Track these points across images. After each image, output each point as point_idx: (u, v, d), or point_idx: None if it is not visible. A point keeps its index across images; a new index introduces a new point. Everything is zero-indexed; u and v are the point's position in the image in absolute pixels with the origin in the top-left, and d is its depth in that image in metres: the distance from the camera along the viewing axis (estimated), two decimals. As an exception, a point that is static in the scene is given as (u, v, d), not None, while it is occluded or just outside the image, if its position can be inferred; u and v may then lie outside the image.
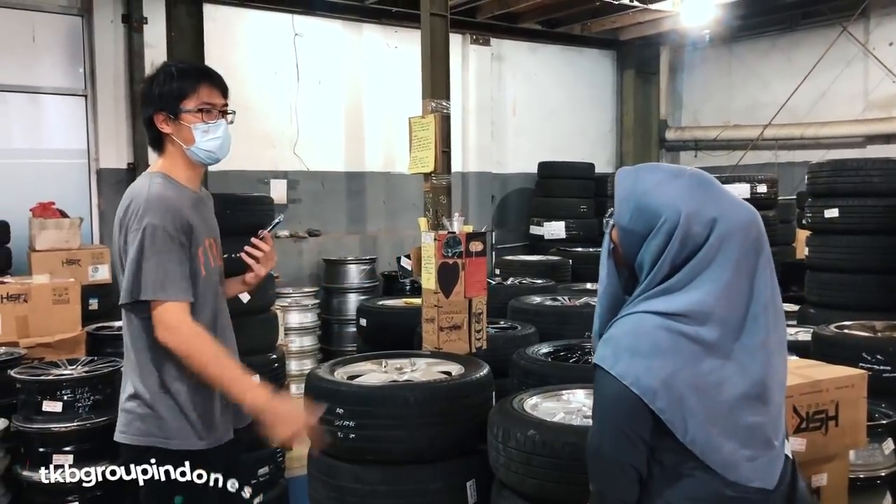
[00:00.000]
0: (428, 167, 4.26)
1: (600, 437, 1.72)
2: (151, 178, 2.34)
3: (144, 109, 2.39)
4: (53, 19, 7.20)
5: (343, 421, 3.16)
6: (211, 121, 2.36)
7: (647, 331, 1.65)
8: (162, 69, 2.40)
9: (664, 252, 1.67)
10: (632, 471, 1.68)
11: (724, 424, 1.66)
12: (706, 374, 1.64)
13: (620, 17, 9.24)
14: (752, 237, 1.68)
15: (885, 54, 8.64)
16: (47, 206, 6.31)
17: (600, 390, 1.71)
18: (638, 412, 1.64)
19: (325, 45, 8.49)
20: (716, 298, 1.64)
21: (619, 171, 1.81)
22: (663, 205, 1.68)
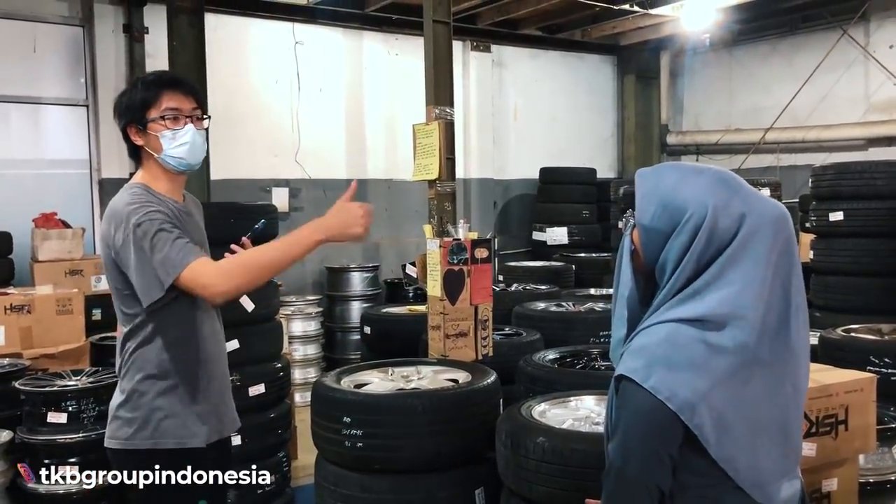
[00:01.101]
0: (432, 174, 4.25)
1: (625, 455, 1.58)
2: (131, 188, 2.38)
3: (118, 122, 2.42)
4: (54, 30, 7.21)
5: (350, 430, 3.14)
6: (176, 127, 2.37)
7: (682, 342, 1.55)
8: (133, 82, 2.47)
9: (689, 249, 1.58)
10: (657, 492, 1.57)
11: (760, 439, 1.59)
12: (743, 387, 1.56)
13: (621, 22, 9.24)
14: (783, 234, 1.60)
15: (885, 57, 8.64)
16: (50, 217, 6.31)
17: (629, 405, 1.58)
18: (670, 429, 1.54)
19: (326, 53, 8.50)
20: (748, 297, 1.55)
21: (639, 171, 1.72)
22: (689, 200, 1.59)
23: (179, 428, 2.35)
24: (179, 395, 2.36)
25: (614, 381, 1.64)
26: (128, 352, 2.38)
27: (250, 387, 4.26)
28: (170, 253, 2.22)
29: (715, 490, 1.59)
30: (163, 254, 2.22)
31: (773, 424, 1.61)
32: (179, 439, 2.35)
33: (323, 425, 3.29)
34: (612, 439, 1.63)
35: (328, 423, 3.25)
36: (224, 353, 2.59)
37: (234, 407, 2.64)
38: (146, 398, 2.34)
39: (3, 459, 4.00)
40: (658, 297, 1.64)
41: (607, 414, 1.71)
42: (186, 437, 2.36)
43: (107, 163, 7.27)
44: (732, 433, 1.55)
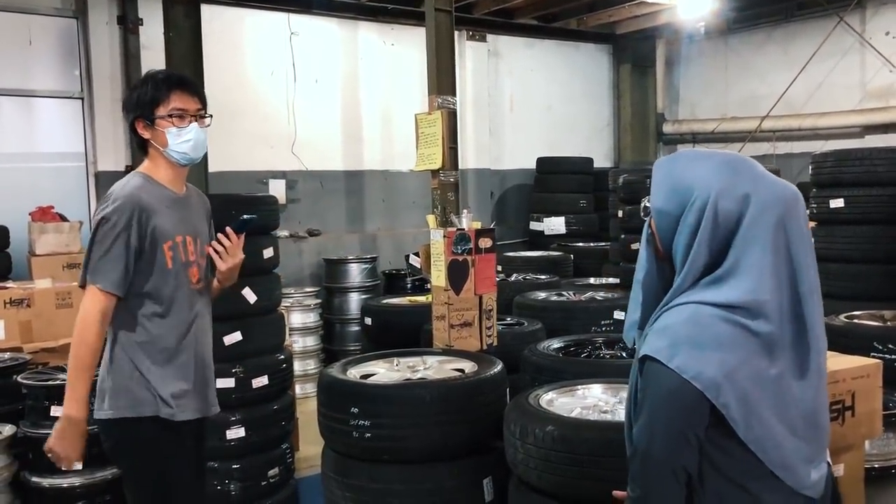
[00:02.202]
0: (436, 164, 4.23)
1: (651, 436, 1.58)
2: (132, 177, 2.64)
3: (126, 116, 2.68)
4: (47, 21, 7.15)
5: (358, 420, 3.14)
6: (182, 125, 2.60)
7: (707, 322, 1.56)
8: (144, 78, 2.66)
9: (698, 231, 1.59)
10: (683, 473, 1.57)
11: (786, 421, 1.58)
12: (767, 368, 1.56)
13: (617, 10, 9.22)
14: (793, 214, 1.61)
15: (881, 44, 8.64)
16: (46, 210, 6.28)
17: (654, 385, 1.58)
18: (696, 408, 1.54)
19: (322, 43, 8.45)
20: (767, 282, 1.56)
21: (657, 161, 1.76)
22: (695, 182, 1.62)
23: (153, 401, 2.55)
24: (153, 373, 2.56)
25: (638, 362, 1.65)
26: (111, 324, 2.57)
27: (253, 379, 4.25)
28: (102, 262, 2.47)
29: (743, 474, 1.58)
30: (99, 257, 2.48)
31: (799, 406, 1.61)
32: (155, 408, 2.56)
33: (330, 416, 3.29)
34: (636, 421, 1.64)
35: (335, 414, 3.24)
36: (207, 339, 2.77)
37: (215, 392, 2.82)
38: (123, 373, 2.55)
39: (5, 454, 3.98)
40: (678, 280, 1.65)
41: (629, 397, 1.72)
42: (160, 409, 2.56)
43: (103, 156, 7.22)
44: (759, 413, 1.55)
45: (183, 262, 2.63)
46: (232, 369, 4.17)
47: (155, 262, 2.56)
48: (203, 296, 2.74)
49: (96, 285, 2.47)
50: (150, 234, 2.54)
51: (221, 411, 3.78)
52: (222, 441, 4.07)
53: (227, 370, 4.14)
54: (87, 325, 2.47)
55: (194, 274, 2.68)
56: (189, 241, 2.66)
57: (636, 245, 6.14)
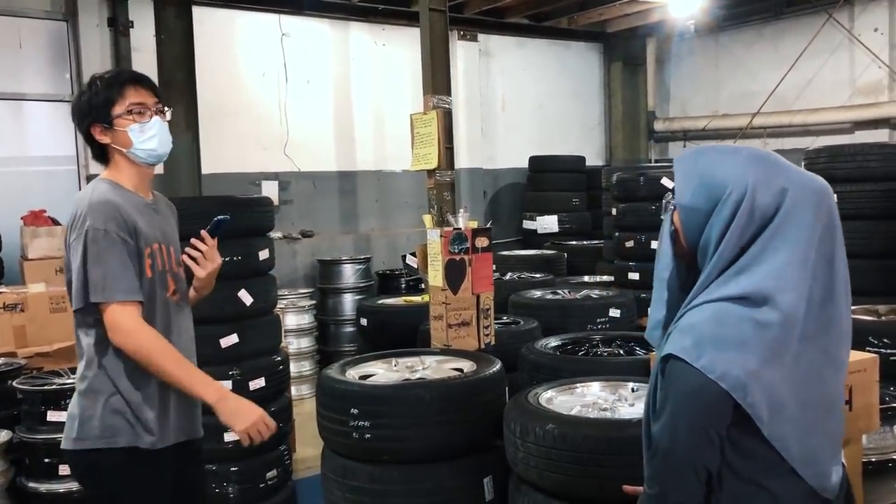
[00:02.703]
0: (431, 164, 4.23)
1: (673, 435, 1.56)
2: (97, 184, 2.41)
3: (79, 124, 2.43)
4: (37, 24, 7.11)
5: (358, 421, 3.14)
6: (144, 120, 2.40)
7: (731, 321, 1.54)
8: (89, 82, 2.45)
9: (731, 225, 1.57)
10: (703, 472, 1.56)
11: (810, 417, 1.57)
12: (792, 363, 1.54)
13: (607, 9, 9.23)
14: (825, 206, 1.58)
15: (870, 40, 8.68)
16: (39, 214, 6.25)
17: (678, 384, 1.56)
18: (720, 407, 1.52)
19: (313, 44, 8.44)
20: (793, 271, 1.54)
21: (676, 156, 1.73)
22: (728, 176, 1.59)
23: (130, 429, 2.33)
24: (134, 395, 2.34)
25: (661, 360, 1.62)
26: (83, 350, 2.37)
27: (250, 381, 4.24)
28: (109, 275, 2.26)
29: (764, 474, 1.57)
30: (104, 271, 2.26)
31: (821, 401, 1.60)
32: (133, 437, 2.34)
33: (330, 417, 3.28)
34: (657, 420, 1.62)
35: (335, 415, 3.24)
36: (188, 356, 2.52)
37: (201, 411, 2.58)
38: (100, 397, 2.32)
39: (2, 460, 3.96)
40: (703, 276, 1.63)
41: (649, 395, 1.70)
42: (138, 438, 2.34)
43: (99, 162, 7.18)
44: (784, 411, 1.54)
45: (160, 271, 2.43)
46: (229, 371, 4.17)
47: (141, 271, 2.36)
48: (182, 308, 2.53)
49: (115, 301, 2.25)
50: (136, 237, 2.35)
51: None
52: (220, 443, 4.05)
53: (224, 372, 4.13)
54: (139, 337, 2.26)
55: (171, 285, 2.48)
56: (164, 249, 2.46)
57: (630, 243, 6.21)
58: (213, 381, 2.35)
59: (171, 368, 2.29)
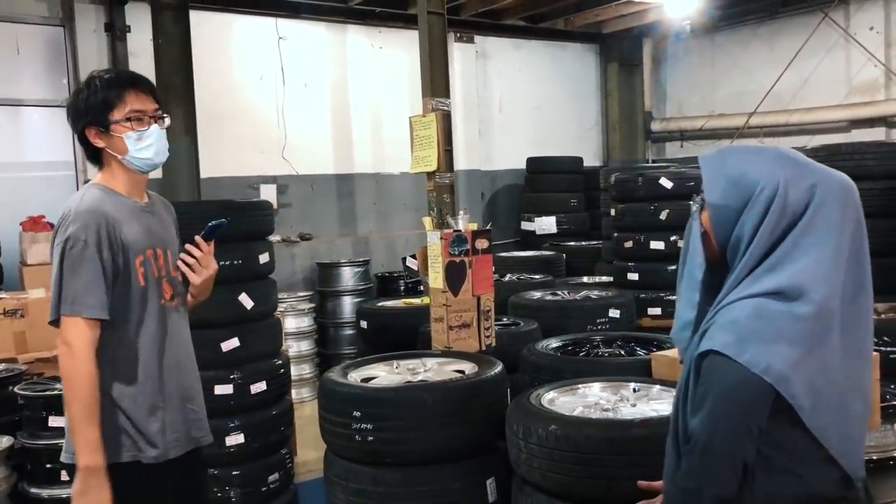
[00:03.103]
0: (431, 166, 4.24)
1: (713, 430, 1.60)
2: (88, 189, 2.35)
3: (74, 125, 2.36)
4: (34, 30, 7.11)
5: (360, 424, 3.14)
6: (142, 128, 2.34)
7: (770, 316, 1.59)
8: (87, 81, 2.37)
9: (763, 223, 1.62)
10: (741, 465, 1.60)
11: (846, 406, 1.63)
12: (829, 354, 1.60)
13: (603, 10, 9.25)
14: (852, 202, 1.64)
15: (866, 39, 8.71)
16: (38, 220, 6.25)
17: (720, 379, 1.60)
18: (763, 401, 1.57)
19: (310, 47, 8.44)
20: (825, 265, 1.60)
21: (701, 156, 1.76)
22: (759, 174, 1.64)
23: (132, 443, 2.29)
24: (136, 409, 2.30)
25: (698, 357, 1.66)
26: None
27: (252, 384, 4.24)
28: (80, 289, 2.20)
29: (800, 463, 1.62)
30: (76, 284, 2.20)
31: (855, 391, 1.65)
32: (136, 452, 2.29)
33: (332, 420, 3.29)
34: (695, 415, 1.65)
35: (337, 418, 3.24)
36: (188, 362, 2.50)
37: (206, 417, 2.55)
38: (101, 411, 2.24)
39: (4, 466, 3.96)
40: (734, 273, 1.67)
41: (680, 392, 1.74)
42: (141, 452, 2.30)
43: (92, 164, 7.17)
44: (823, 400, 1.59)
45: (155, 278, 2.37)
46: (230, 375, 4.17)
47: (130, 281, 2.30)
48: (179, 313, 2.48)
49: (78, 315, 2.19)
50: (123, 249, 2.28)
51: (220, 417, 3.79)
52: (221, 447, 4.05)
53: (226, 376, 4.14)
54: (78, 360, 2.17)
55: (167, 290, 2.42)
56: (159, 253, 2.40)
57: (629, 243, 6.21)
58: (98, 451, 2.19)
59: (78, 409, 2.17)
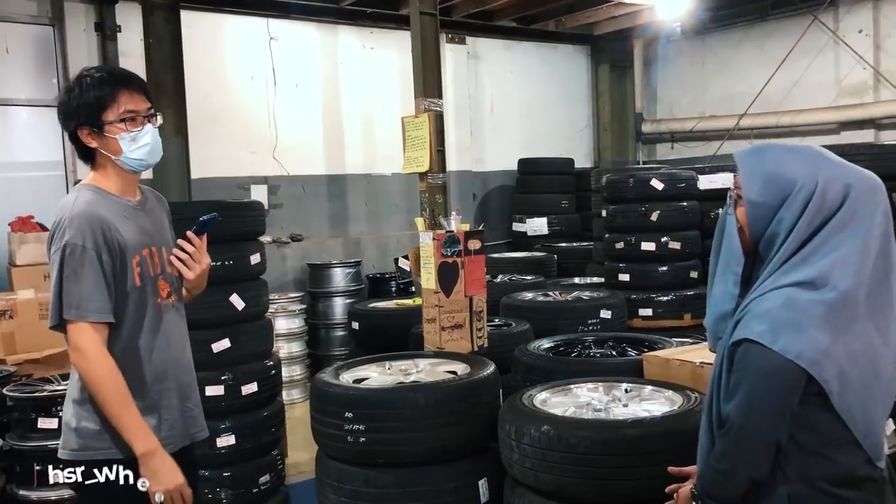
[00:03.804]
0: (423, 167, 4.23)
1: (748, 414, 1.71)
2: (79, 192, 2.32)
3: (66, 124, 2.33)
4: (24, 29, 7.05)
5: (353, 425, 3.13)
6: (136, 128, 2.32)
7: (801, 305, 1.67)
8: (78, 79, 2.34)
9: (799, 219, 1.70)
10: (774, 448, 1.70)
11: (870, 390, 1.71)
12: (856, 340, 1.68)
13: (594, 11, 9.26)
14: (882, 200, 1.73)
15: (855, 42, 8.75)
16: (26, 220, 6.20)
17: (755, 366, 1.69)
18: (796, 385, 1.67)
19: (301, 48, 8.42)
20: (855, 258, 1.68)
21: (736, 153, 1.84)
22: (797, 173, 1.72)
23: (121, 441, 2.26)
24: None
25: (732, 345, 1.75)
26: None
27: (243, 385, 4.23)
28: (83, 293, 2.20)
29: (828, 445, 1.70)
30: (78, 288, 2.20)
31: (879, 377, 1.73)
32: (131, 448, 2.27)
33: (324, 421, 3.28)
34: (729, 400, 1.75)
35: (329, 420, 3.24)
36: (184, 361, 2.51)
37: (202, 413, 2.56)
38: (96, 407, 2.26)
39: (-8, 467, 3.94)
40: (768, 266, 1.75)
41: (713, 379, 1.82)
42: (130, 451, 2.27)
43: (81, 164, 7.08)
44: (850, 384, 1.68)
45: (151, 277, 2.37)
46: (221, 376, 4.16)
47: (127, 282, 2.30)
48: (176, 310, 2.48)
49: (86, 320, 2.19)
50: (119, 250, 2.28)
51: (211, 419, 3.76)
52: (212, 449, 4.04)
53: (216, 377, 4.13)
54: (94, 363, 2.20)
55: (163, 287, 2.42)
56: (154, 251, 2.40)
57: (620, 244, 6.22)
58: (149, 432, 2.26)
59: (114, 405, 2.22)
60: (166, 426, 2.38)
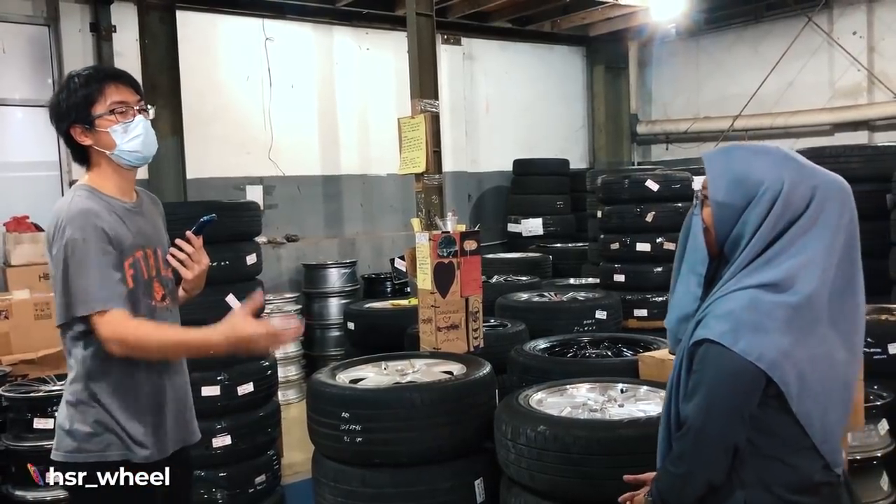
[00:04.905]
0: (419, 167, 4.24)
1: (706, 416, 1.68)
2: (75, 192, 2.29)
3: (58, 126, 2.32)
4: (19, 29, 7.04)
5: (349, 425, 3.14)
6: (127, 120, 2.29)
7: (764, 307, 1.65)
8: (66, 81, 2.33)
9: (764, 221, 1.68)
10: (732, 451, 1.68)
11: (829, 396, 1.69)
12: (818, 345, 1.67)
13: (590, 13, 9.28)
14: (848, 204, 1.71)
15: (849, 43, 8.79)
16: (21, 221, 6.20)
17: (714, 366, 1.67)
18: (755, 388, 1.65)
19: (297, 49, 8.42)
20: (820, 262, 1.67)
21: (704, 154, 1.82)
22: (763, 174, 1.70)
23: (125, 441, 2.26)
24: (120, 412, 2.27)
25: (693, 345, 1.73)
26: (73, 361, 2.29)
27: (238, 386, 4.22)
28: (91, 286, 2.16)
29: (786, 450, 1.69)
30: (86, 282, 2.16)
31: (839, 382, 1.72)
32: (125, 451, 2.26)
33: (320, 421, 3.28)
34: (688, 401, 1.72)
35: (326, 420, 3.24)
36: (178, 363, 2.48)
37: (195, 416, 2.55)
38: (89, 410, 2.25)
39: (-13, 468, 3.93)
40: (731, 267, 1.74)
41: (673, 381, 1.80)
42: (132, 450, 2.27)
43: (77, 164, 7.11)
44: (809, 389, 1.66)
45: (145, 280, 2.33)
46: (217, 377, 4.15)
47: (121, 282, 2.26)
48: (171, 313, 2.44)
49: (107, 309, 2.15)
50: (117, 247, 2.25)
51: (207, 419, 3.77)
52: (208, 449, 4.04)
53: (212, 378, 4.12)
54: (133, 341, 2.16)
55: (158, 290, 2.39)
56: (149, 253, 2.37)
57: (615, 245, 6.24)
58: (209, 331, 2.18)
59: (179, 349, 2.29)
60: (161, 430, 2.35)
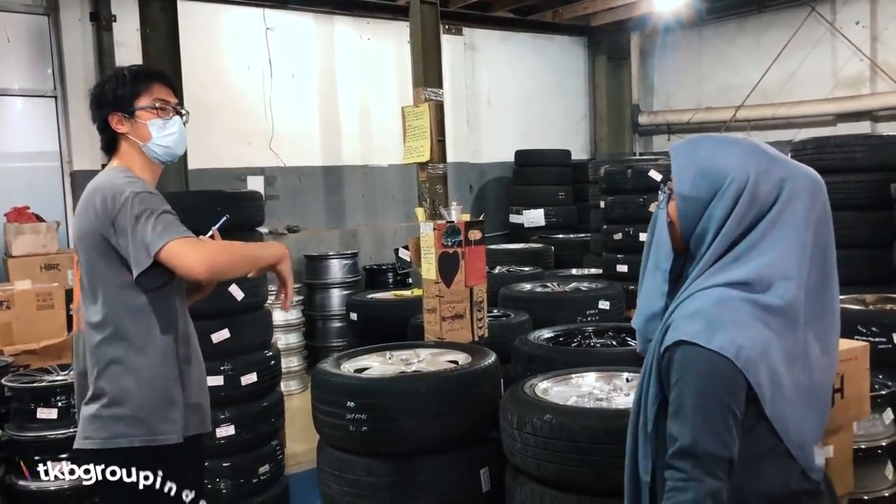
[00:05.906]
0: (424, 157, 4.23)
1: (697, 428, 1.52)
2: (116, 171, 2.32)
3: (98, 112, 2.38)
4: (19, 19, 7.01)
5: (355, 414, 3.13)
6: (166, 117, 2.39)
7: (736, 304, 1.56)
8: (115, 73, 2.42)
9: (731, 214, 1.59)
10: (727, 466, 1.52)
11: (803, 399, 1.61)
12: (792, 346, 1.58)
13: (592, 2, 9.25)
14: (820, 198, 1.63)
15: (852, 33, 8.76)
16: (22, 211, 6.18)
17: (693, 368, 1.54)
18: (738, 388, 1.53)
19: (297, 38, 8.39)
20: (792, 259, 1.58)
21: (672, 145, 1.74)
22: (729, 166, 1.61)
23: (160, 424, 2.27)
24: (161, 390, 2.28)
25: (665, 351, 1.61)
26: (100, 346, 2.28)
27: (242, 376, 4.21)
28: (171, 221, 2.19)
29: (763, 454, 1.60)
30: (165, 218, 2.19)
31: (814, 385, 1.63)
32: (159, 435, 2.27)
33: (326, 411, 3.28)
34: (674, 419, 1.57)
35: (331, 409, 3.24)
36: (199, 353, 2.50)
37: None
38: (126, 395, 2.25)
39: (-9, 458, 3.93)
40: (698, 265, 1.65)
41: (643, 384, 1.70)
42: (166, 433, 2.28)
43: (77, 154, 7.09)
44: (784, 392, 1.57)
45: None
46: (220, 367, 4.13)
47: None
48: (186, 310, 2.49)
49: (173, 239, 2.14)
50: None
51: (211, 409, 3.75)
52: (212, 439, 4.02)
53: (216, 368, 4.10)
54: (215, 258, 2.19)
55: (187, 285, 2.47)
56: None
57: (618, 235, 6.23)
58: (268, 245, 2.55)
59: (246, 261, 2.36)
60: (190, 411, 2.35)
